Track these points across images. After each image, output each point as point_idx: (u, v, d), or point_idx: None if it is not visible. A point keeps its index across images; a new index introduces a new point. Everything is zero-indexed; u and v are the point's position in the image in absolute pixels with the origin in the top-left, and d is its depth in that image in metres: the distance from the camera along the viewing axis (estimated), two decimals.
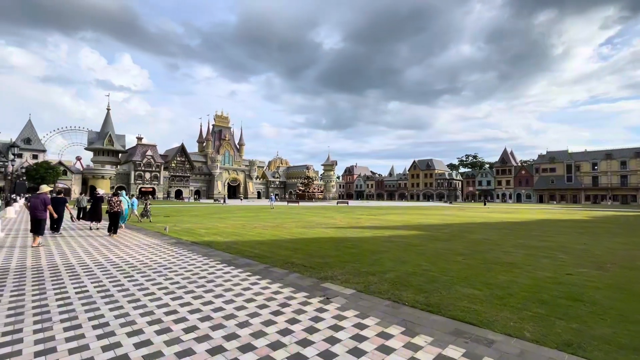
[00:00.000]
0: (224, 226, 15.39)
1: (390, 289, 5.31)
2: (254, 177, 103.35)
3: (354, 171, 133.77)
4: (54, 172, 61.32)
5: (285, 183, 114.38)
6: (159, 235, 11.60)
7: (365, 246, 9.74)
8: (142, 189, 77.76)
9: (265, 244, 9.91)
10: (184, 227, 14.85)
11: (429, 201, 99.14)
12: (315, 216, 23.69)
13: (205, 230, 13.36)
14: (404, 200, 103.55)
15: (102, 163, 77.84)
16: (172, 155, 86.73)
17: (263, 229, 14.25)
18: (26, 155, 66.25)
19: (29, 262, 7.05)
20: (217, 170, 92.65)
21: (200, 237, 11.19)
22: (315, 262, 7.32)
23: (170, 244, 9.81)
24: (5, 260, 7.27)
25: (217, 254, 8.28)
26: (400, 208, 42.20)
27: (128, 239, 10.78)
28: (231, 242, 10.19)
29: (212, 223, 17.01)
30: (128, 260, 7.41)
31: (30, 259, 7.38)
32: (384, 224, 17.97)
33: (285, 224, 16.81)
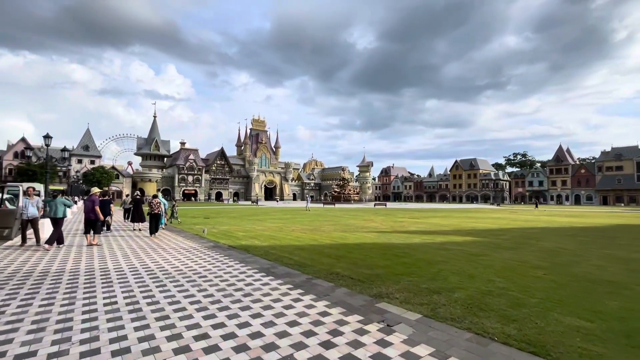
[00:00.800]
0: (261, 229, 14.95)
1: (466, 315, 4.21)
2: (289, 179, 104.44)
3: (390, 172, 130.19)
4: (108, 176, 66.47)
5: (320, 185, 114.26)
6: (196, 238, 11.34)
7: (418, 255, 8.58)
8: (185, 191, 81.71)
9: (305, 250, 9.13)
10: (222, 229, 14.62)
11: (472, 203, 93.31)
12: (354, 219, 22.65)
13: (242, 233, 12.95)
14: (445, 202, 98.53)
15: (149, 167, 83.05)
16: (213, 159, 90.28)
17: (301, 233, 13.55)
18: (85, 160, 72.54)
19: (69, 266, 6.88)
20: (254, 172, 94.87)
21: (238, 241, 10.71)
22: (363, 274, 6.37)
23: (207, 247, 9.40)
24: (37, 262, 7.21)
25: (254, 260, 7.64)
26: (443, 210, 39.66)
27: (167, 241, 10.60)
28: (269, 247, 9.56)
29: (250, 225, 16.69)
30: (163, 266, 7.00)
31: (70, 263, 7.25)
32: (431, 228, 16.48)
33: (323, 227, 16.01)
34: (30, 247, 9.14)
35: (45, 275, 6.10)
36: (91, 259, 7.66)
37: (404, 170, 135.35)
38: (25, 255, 7.95)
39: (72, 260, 7.44)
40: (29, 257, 7.81)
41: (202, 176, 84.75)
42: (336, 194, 79.53)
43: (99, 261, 7.40)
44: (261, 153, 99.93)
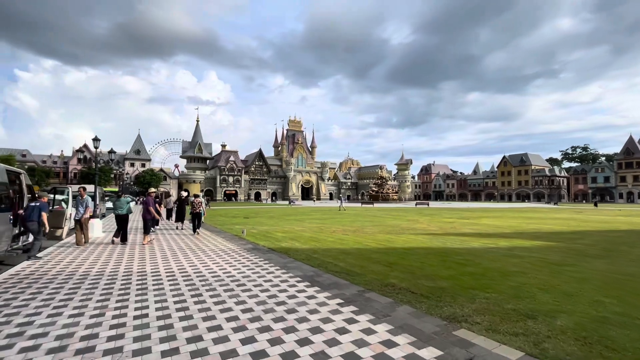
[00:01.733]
0: (300, 229, 14.33)
1: (589, 356, 3.06)
2: (325, 179, 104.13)
3: (431, 170, 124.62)
4: (156, 177, 70.89)
5: (357, 184, 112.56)
6: (236, 240, 10.95)
7: (485, 262, 7.31)
8: (226, 191, 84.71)
9: (351, 255, 8.24)
10: (261, 230, 14.23)
11: (524, 202, 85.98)
12: (397, 219, 21.29)
13: (282, 234, 12.39)
14: (492, 201, 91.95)
15: (193, 169, 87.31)
16: (252, 160, 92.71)
17: (343, 234, 12.68)
18: (137, 164, 78.07)
19: (108, 269, 6.67)
20: (291, 172, 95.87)
21: (278, 243, 10.12)
22: (425, 287, 5.34)
23: (246, 250, 8.90)
24: (80, 263, 7.10)
25: (296, 265, 6.92)
26: (494, 210, 36.50)
27: (206, 242, 10.32)
28: (311, 251, 8.81)
29: (288, 226, 16.19)
30: (200, 270, 6.52)
31: (111, 265, 7.06)
32: (487, 230, 14.74)
33: (365, 229, 15.00)
34: (81, 245, 9.29)
35: (85, 277, 5.88)
36: (131, 260, 7.45)
37: (445, 167, 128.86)
38: (75, 255, 7.98)
39: (113, 263, 7.26)
40: (77, 256, 7.82)
41: (241, 177, 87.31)
42: (374, 193, 77.37)
43: (138, 264, 7.14)
44: (298, 153, 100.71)
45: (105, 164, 56.12)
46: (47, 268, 6.63)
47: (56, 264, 7.06)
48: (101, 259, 7.60)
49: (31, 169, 58.74)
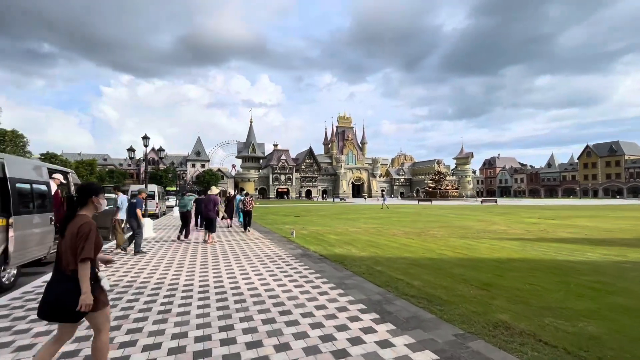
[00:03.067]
0: (355, 231, 12.75)
1: None
2: (377, 175, 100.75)
3: (495, 164, 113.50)
4: (215, 177, 74.93)
5: (410, 180, 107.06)
6: (284, 242, 9.79)
7: (635, 287, 4.99)
8: (279, 189, 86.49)
9: (425, 268, 6.45)
10: (312, 230, 12.97)
11: (614, 198, 73.31)
12: (465, 219, 18.52)
13: (335, 237, 10.95)
14: (572, 198, 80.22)
15: (248, 168, 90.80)
16: (302, 159, 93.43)
17: (406, 238, 10.80)
18: (197, 165, 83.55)
19: (141, 278, 5.84)
20: (341, 170, 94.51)
21: (331, 248, 8.68)
22: (561, 333, 3.42)
23: (294, 256, 7.61)
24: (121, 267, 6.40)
25: (356, 282, 5.38)
26: (583, 208, 30.85)
27: (252, 244, 9.31)
28: (371, 260, 7.20)
29: (342, 226, 14.71)
30: (239, 285, 5.33)
31: (157, 275, 6.26)
32: (594, 234, 11.61)
33: (431, 231, 12.86)
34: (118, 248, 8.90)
35: (126, 289, 5.05)
36: (172, 267, 6.61)
37: (512, 160, 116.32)
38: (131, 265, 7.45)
39: (149, 271, 6.47)
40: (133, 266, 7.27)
41: (292, 175, 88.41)
42: (431, 189, 72.31)
43: (174, 272, 6.23)
44: (348, 150, 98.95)
45: (169, 165, 60.77)
46: None
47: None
48: (137, 267, 6.90)
49: (111, 170, 66.11)
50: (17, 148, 33.45)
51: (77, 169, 46.00)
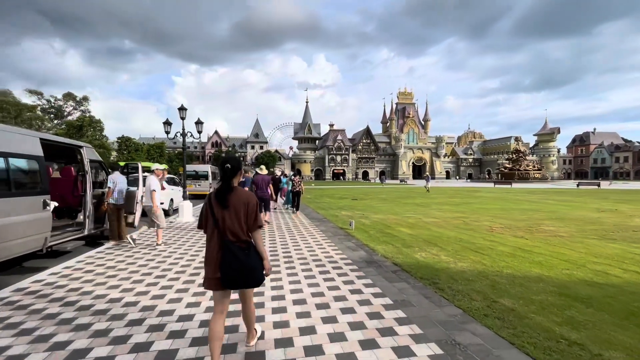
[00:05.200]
0: (433, 222, 9.83)
1: None
2: (441, 155, 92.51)
3: (589, 140, 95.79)
4: (273, 158, 75.89)
5: (480, 160, 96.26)
6: (340, 237, 7.43)
7: None
8: (335, 170, 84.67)
9: (600, 307, 3.50)
10: (375, 219, 10.41)
11: None
12: (579, 208, 14.10)
13: (409, 231, 8.24)
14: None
15: (304, 149, 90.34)
16: (359, 138, 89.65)
17: (514, 236, 7.63)
18: (256, 146, 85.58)
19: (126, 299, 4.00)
20: (401, 149, 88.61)
21: (408, 251, 6.05)
22: None
23: (356, 263, 5.20)
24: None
25: (481, 347, 2.76)
26: None
27: (301, 238, 7.14)
28: (481, 279, 4.43)
29: (411, 213, 11.84)
30: (270, 320, 3.10)
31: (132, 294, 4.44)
32: None
33: (542, 225, 9.34)
34: (113, 241, 7.45)
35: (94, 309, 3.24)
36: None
37: (613, 136, 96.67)
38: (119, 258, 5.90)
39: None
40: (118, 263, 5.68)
41: (349, 156, 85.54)
42: (507, 170, 63.35)
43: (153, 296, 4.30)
44: (408, 128, 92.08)
45: (230, 147, 62.75)
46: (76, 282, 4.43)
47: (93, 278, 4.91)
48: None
49: (180, 153, 70.94)
50: (95, 132, 36.92)
51: (149, 151, 49.64)
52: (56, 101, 50.21)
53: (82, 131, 36.28)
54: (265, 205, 9.39)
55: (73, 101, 50.59)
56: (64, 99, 50.33)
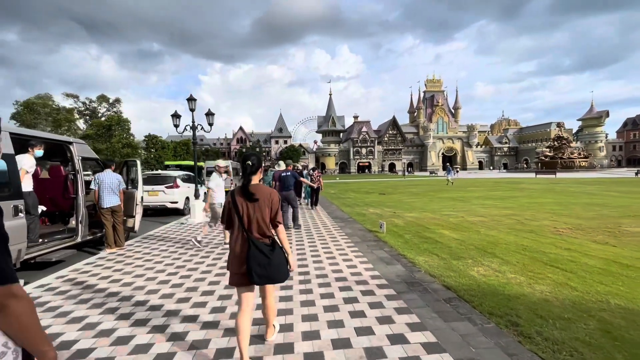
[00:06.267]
0: (479, 221, 8.27)
1: None
2: (473, 145, 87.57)
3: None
4: (297, 153, 75.30)
5: (516, 149, 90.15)
6: (369, 242, 6.16)
7: None
8: (360, 163, 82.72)
9: None
10: (408, 218, 9.00)
11: None
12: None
13: (453, 235, 6.79)
14: None
15: (328, 143, 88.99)
16: (385, 130, 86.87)
17: (595, 242, 5.97)
18: (280, 141, 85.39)
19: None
20: (429, 140, 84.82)
21: (459, 265, 4.67)
22: None
23: (393, 284, 3.94)
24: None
25: None
26: None
27: (320, 245, 5.97)
28: (587, 317, 3.00)
29: (449, 210, 10.29)
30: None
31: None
32: None
33: (622, 225, 7.50)
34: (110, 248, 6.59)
35: None
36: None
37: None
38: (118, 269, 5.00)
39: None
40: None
41: (374, 148, 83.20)
42: (548, 159, 58.44)
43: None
44: (437, 117, 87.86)
45: (255, 142, 62.88)
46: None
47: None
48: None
49: (206, 150, 72.19)
50: (123, 131, 37.99)
51: (175, 148, 50.64)
52: (91, 103, 52.54)
53: (110, 130, 37.34)
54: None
55: (106, 103, 52.65)
56: (97, 101, 52.48)
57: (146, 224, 9.57)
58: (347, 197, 16.69)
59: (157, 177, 11.81)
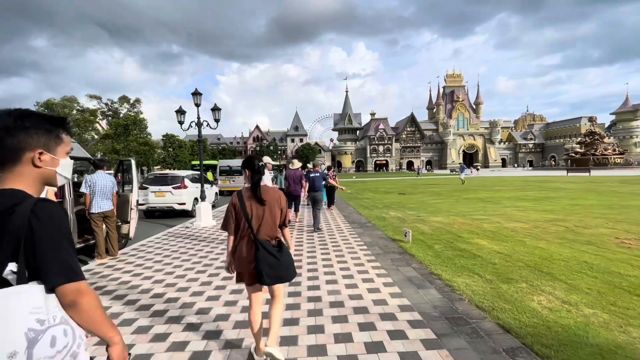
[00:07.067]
0: (518, 227, 7.13)
1: None
2: (496, 142, 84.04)
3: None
4: (312, 151, 74.59)
5: (543, 145, 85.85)
6: (393, 255, 5.23)
7: None
8: (377, 162, 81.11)
9: None
10: (434, 223, 7.97)
11: None
12: None
13: (492, 246, 5.74)
14: None
15: (344, 141, 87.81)
16: (402, 127, 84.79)
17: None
18: (296, 139, 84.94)
19: None
20: (449, 137, 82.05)
21: (509, 292, 3.67)
22: None
23: (429, 316, 3.02)
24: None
25: None
26: None
27: (335, 259, 5.09)
28: None
29: (482, 214, 9.14)
30: None
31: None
32: None
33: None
34: (101, 258, 5.92)
35: None
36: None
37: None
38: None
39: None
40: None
41: (392, 145, 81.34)
42: (579, 156, 54.96)
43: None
44: (458, 113, 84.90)
45: (271, 141, 62.65)
46: None
47: None
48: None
49: (223, 148, 72.66)
50: (140, 131, 38.47)
51: (192, 147, 50.98)
52: (112, 104, 53.79)
53: (128, 130, 37.86)
54: (295, 203, 8.65)
55: (127, 103, 53.73)
56: (119, 101, 53.63)
57: (149, 227, 9.01)
58: (364, 197, 15.71)
59: (164, 177, 11.28)
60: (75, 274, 0.90)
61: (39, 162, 0.96)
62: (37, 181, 0.98)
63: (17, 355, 0.81)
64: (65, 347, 0.88)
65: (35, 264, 0.87)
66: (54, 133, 0.99)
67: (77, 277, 0.90)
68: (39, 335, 0.84)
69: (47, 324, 0.86)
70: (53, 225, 0.90)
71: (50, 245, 0.88)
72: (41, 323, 0.85)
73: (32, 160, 0.95)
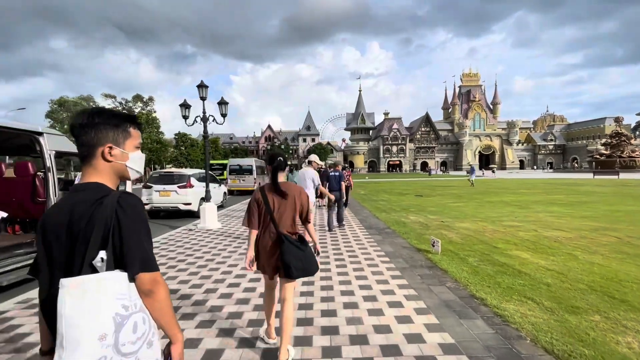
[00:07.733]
0: (561, 237, 6.22)
1: None
2: (514, 143, 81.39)
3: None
4: (325, 151, 73.90)
5: (564, 147, 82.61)
6: (421, 269, 4.46)
7: None
8: (390, 162, 79.78)
9: None
10: (462, 230, 7.12)
11: None
12: None
13: (538, 260, 4.89)
14: None
15: (357, 140, 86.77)
16: (417, 126, 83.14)
17: None
18: (308, 139, 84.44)
19: None
20: (465, 137, 79.91)
21: (581, 329, 2.85)
22: None
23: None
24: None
25: None
26: None
27: (353, 268, 4.36)
28: None
29: (513, 220, 8.21)
30: None
31: None
32: None
33: None
34: None
35: None
36: None
37: None
38: None
39: None
40: None
41: (406, 146, 79.83)
42: (604, 157, 52.38)
43: None
44: (474, 113, 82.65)
45: (283, 141, 62.29)
46: None
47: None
48: None
49: (235, 148, 72.83)
50: (152, 129, 38.64)
51: (204, 146, 51.13)
52: (127, 103, 54.56)
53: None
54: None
55: (141, 102, 54.37)
56: (133, 100, 54.34)
57: (151, 228, 8.48)
58: (379, 199, 14.89)
59: (169, 175, 10.79)
60: (153, 263, 0.95)
61: (109, 157, 1.01)
62: (113, 175, 1.05)
63: (107, 338, 0.84)
64: (143, 334, 0.91)
65: (121, 252, 0.91)
66: (122, 127, 1.04)
67: (155, 267, 0.96)
68: (124, 320, 0.88)
69: (131, 310, 0.90)
70: (136, 216, 0.95)
71: (134, 236, 0.93)
72: (126, 309, 0.89)
73: (103, 154, 1.00)
